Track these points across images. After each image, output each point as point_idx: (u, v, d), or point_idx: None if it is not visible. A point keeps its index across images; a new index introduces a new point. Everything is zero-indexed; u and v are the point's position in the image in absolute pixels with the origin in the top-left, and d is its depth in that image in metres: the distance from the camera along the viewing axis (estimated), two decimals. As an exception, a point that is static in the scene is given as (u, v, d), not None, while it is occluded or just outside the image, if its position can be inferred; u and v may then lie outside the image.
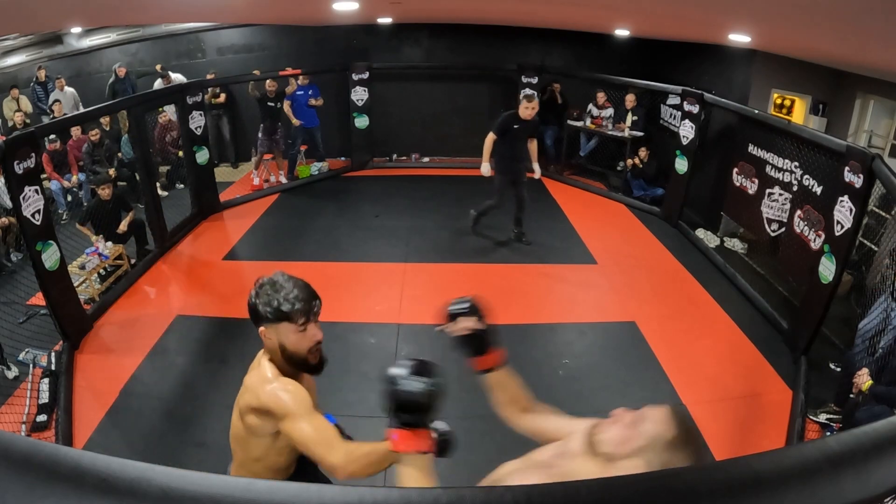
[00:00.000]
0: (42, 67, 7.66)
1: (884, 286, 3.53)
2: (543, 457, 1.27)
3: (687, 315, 4.61)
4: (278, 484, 0.59)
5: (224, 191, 7.13)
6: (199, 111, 6.15)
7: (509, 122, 5.30)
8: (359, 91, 7.82)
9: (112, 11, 5.22)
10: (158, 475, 0.59)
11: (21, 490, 0.56)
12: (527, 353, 4.15)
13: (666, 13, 4.35)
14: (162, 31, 8.29)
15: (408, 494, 0.60)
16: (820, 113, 5.97)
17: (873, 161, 3.51)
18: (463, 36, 8.21)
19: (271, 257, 5.65)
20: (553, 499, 0.60)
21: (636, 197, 7.17)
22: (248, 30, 8.45)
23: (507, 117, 5.33)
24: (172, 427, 3.39)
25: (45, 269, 3.82)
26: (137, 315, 4.61)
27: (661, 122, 7.42)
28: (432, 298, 4.74)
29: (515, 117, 5.28)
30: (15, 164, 3.57)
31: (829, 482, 0.63)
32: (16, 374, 3.77)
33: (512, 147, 5.34)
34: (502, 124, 5.31)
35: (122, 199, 5.45)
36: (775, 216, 5.12)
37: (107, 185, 5.23)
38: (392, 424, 1.22)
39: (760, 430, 3.45)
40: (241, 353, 4.06)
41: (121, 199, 5.43)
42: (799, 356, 4.03)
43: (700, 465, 1.01)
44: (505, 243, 5.95)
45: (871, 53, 3.62)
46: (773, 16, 3.27)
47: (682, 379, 3.86)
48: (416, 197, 7.27)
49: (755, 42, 5.37)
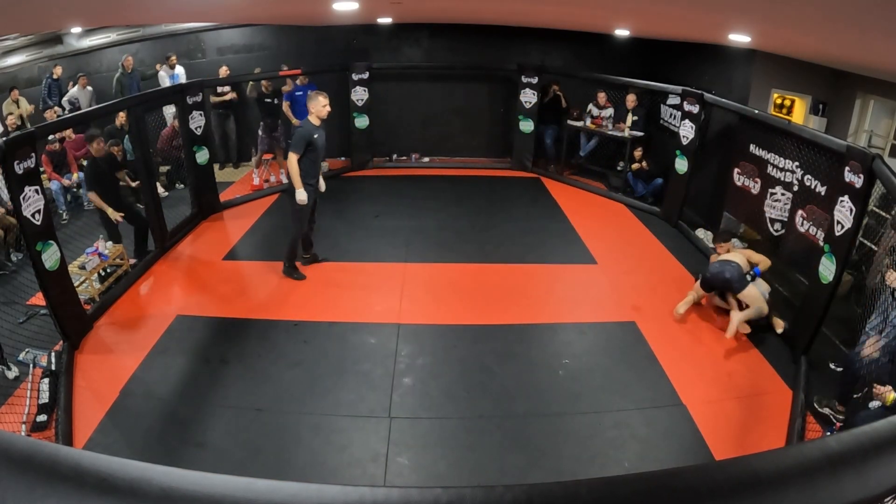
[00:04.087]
0: (59, 65, 7.71)
1: (884, 286, 3.52)
2: None
3: (687, 315, 4.61)
4: (278, 484, 0.59)
5: (224, 191, 7.13)
6: (199, 111, 6.15)
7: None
8: (359, 91, 7.82)
9: (112, 11, 5.22)
10: (158, 475, 0.59)
11: (21, 490, 0.56)
12: (527, 353, 4.16)
13: (666, 13, 4.35)
14: (162, 31, 8.28)
15: (408, 494, 0.60)
16: (820, 113, 5.97)
17: (873, 161, 3.51)
18: (463, 36, 8.22)
19: (271, 257, 5.64)
20: (553, 498, 0.60)
21: (638, 196, 7.17)
22: (248, 30, 8.45)
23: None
24: (172, 427, 3.39)
25: (45, 269, 3.82)
26: (137, 315, 4.61)
27: (661, 122, 7.42)
28: (432, 298, 4.79)
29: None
30: (15, 164, 3.57)
31: (829, 482, 0.63)
32: (16, 374, 3.77)
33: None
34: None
35: (112, 158, 5.37)
36: (778, 216, 5.12)
37: (97, 139, 5.14)
38: None
39: (760, 430, 3.45)
40: (241, 353, 4.07)
41: (111, 158, 5.35)
42: (799, 356, 4.03)
43: (700, 465, 1.01)
44: (505, 243, 5.95)
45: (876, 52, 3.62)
46: (773, 15, 3.27)
47: (682, 379, 3.86)
48: (416, 197, 7.27)
49: (755, 42, 5.37)
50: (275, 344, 4.16)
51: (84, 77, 7.57)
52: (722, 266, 4.42)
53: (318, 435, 3.33)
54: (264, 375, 3.83)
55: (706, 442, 3.32)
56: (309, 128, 4.70)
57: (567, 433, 3.41)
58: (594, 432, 3.41)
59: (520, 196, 7.46)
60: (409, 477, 3.08)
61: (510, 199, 7.32)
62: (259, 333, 4.29)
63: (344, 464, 3.14)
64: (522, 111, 8.03)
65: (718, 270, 4.41)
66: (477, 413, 3.56)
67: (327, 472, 3.07)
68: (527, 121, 8.06)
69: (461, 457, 3.23)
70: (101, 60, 8.27)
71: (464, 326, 4.41)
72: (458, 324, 4.44)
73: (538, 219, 6.71)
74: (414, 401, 3.64)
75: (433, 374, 3.87)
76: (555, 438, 3.37)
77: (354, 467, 3.11)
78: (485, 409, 3.59)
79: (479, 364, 3.99)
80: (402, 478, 3.06)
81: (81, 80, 7.53)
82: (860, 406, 3.20)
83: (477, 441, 3.33)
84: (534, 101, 7.93)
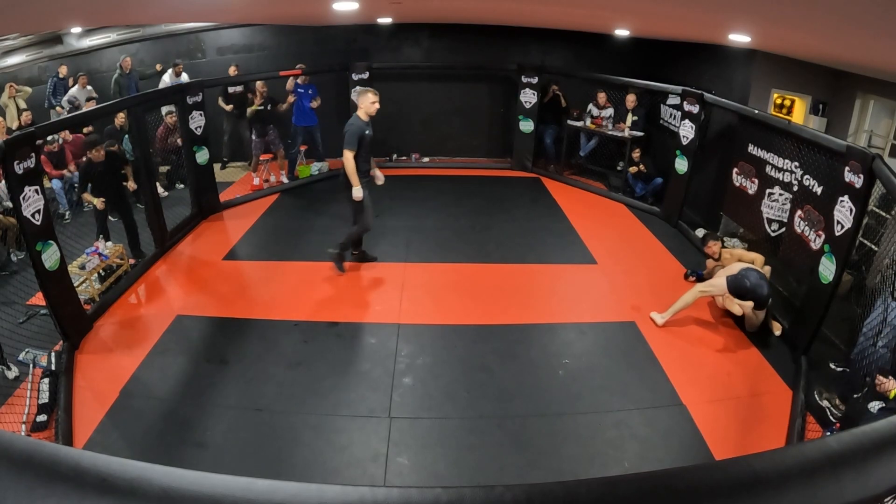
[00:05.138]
0: (64, 65, 7.74)
1: (884, 286, 3.53)
2: None
3: (687, 315, 4.61)
4: (278, 484, 0.59)
5: (224, 191, 7.13)
6: (199, 111, 6.14)
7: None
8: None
9: (112, 11, 5.21)
10: (158, 475, 0.59)
11: (21, 490, 0.56)
12: (527, 353, 4.16)
13: (666, 13, 4.35)
14: (162, 31, 8.29)
15: (408, 494, 0.60)
16: (820, 113, 5.97)
17: (873, 161, 3.51)
18: (463, 36, 8.22)
19: (271, 257, 5.65)
20: (553, 498, 0.60)
21: (638, 196, 7.17)
22: (248, 30, 8.45)
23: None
24: (172, 427, 3.38)
25: (45, 269, 3.82)
26: (137, 315, 4.61)
27: (661, 122, 7.42)
28: (432, 298, 4.79)
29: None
30: (15, 164, 3.57)
31: (829, 482, 0.63)
32: (16, 374, 3.77)
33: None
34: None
35: (114, 156, 5.33)
36: (775, 216, 5.12)
37: (98, 147, 5.13)
38: None
39: (760, 430, 3.45)
40: (241, 352, 4.07)
41: (113, 157, 5.31)
42: (799, 356, 4.03)
43: (700, 465, 1.01)
44: (505, 243, 5.95)
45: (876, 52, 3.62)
46: (773, 15, 3.27)
47: (682, 379, 3.86)
48: (416, 197, 7.27)
49: (755, 42, 5.37)
50: (275, 344, 4.16)
51: (84, 76, 7.58)
52: (760, 279, 4.26)
53: (318, 435, 3.33)
54: (264, 375, 3.83)
55: (706, 442, 3.31)
56: (360, 124, 4.74)
57: (567, 433, 3.41)
58: (594, 432, 3.41)
59: (520, 196, 7.46)
60: (409, 477, 3.08)
61: (510, 199, 7.32)
62: (259, 333, 4.29)
63: (344, 464, 3.14)
64: (522, 111, 8.03)
65: (758, 283, 4.24)
66: (477, 413, 3.56)
67: (327, 472, 3.07)
68: (527, 121, 8.06)
69: (461, 457, 3.23)
70: (101, 60, 8.27)
71: (464, 326, 4.41)
72: (458, 324, 4.44)
73: (538, 219, 6.71)
74: (414, 401, 3.64)
75: (433, 374, 3.87)
76: (555, 438, 3.37)
77: (354, 467, 3.11)
78: (485, 409, 3.59)
79: (480, 364, 3.99)
80: (402, 478, 3.06)
81: (81, 80, 7.53)
82: (861, 406, 3.20)
83: (477, 441, 3.33)
84: (534, 101, 7.93)
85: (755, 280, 4.24)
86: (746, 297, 4.29)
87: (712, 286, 4.47)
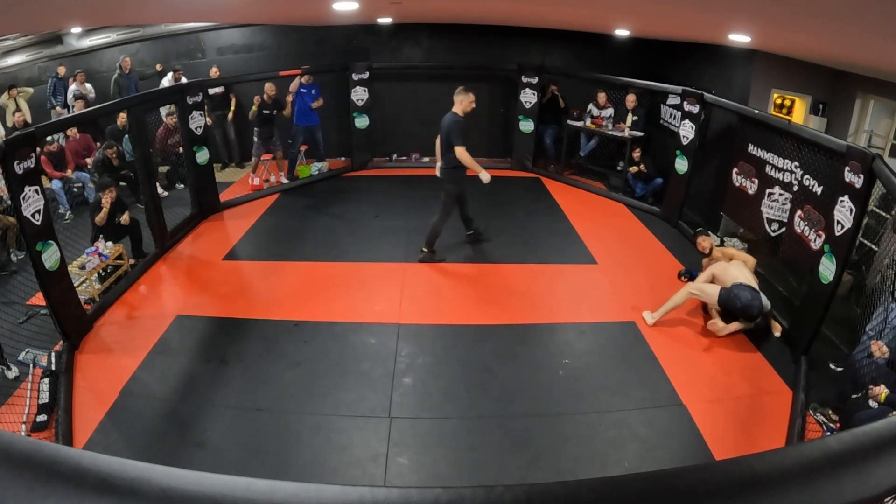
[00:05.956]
0: (63, 65, 7.74)
1: (884, 286, 3.52)
2: None
3: (687, 315, 4.61)
4: (278, 484, 0.59)
5: (224, 191, 7.13)
6: (199, 111, 6.15)
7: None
8: (359, 91, 7.82)
9: (112, 11, 5.21)
10: (158, 475, 0.59)
11: (21, 490, 0.56)
12: (527, 353, 4.16)
13: (666, 13, 4.35)
14: (162, 31, 8.28)
15: (408, 494, 0.60)
16: (820, 113, 5.96)
17: (873, 161, 3.51)
18: (463, 36, 8.22)
19: (271, 257, 5.65)
20: (553, 498, 0.60)
21: (638, 196, 7.17)
22: (248, 30, 8.45)
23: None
24: (172, 427, 3.39)
25: (45, 269, 3.82)
26: (137, 315, 4.61)
27: (661, 122, 7.42)
28: (432, 298, 4.79)
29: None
30: (15, 164, 3.57)
31: (829, 482, 0.63)
32: (16, 374, 3.77)
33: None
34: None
35: (120, 202, 5.40)
36: (775, 216, 5.12)
37: (110, 189, 5.16)
38: None
39: (760, 430, 3.45)
40: (241, 352, 4.07)
41: (119, 203, 5.38)
42: (799, 356, 4.03)
43: (700, 465, 1.01)
44: (505, 243, 5.95)
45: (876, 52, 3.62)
46: (773, 15, 3.27)
47: (682, 379, 3.86)
48: (416, 197, 7.26)
49: (755, 42, 5.37)
50: (275, 344, 4.16)
51: (81, 73, 7.57)
52: (754, 296, 4.21)
53: (318, 435, 3.33)
54: (264, 375, 3.83)
55: (706, 442, 3.32)
56: (461, 120, 5.08)
57: (567, 433, 3.41)
58: (594, 432, 3.41)
59: (520, 196, 7.45)
60: (409, 477, 3.08)
61: (510, 199, 7.31)
62: (259, 333, 4.29)
63: (344, 464, 3.14)
64: (522, 111, 8.03)
65: (748, 303, 4.18)
66: (477, 413, 3.56)
67: (327, 472, 3.07)
68: (527, 121, 8.06)
69: (461, 457, 3.23)
70: (101, 60, 8.27)
71: (464, 326, 4.41)
72: (458, 324, 4.44)
73: (538, 219, 6.71)
74: (414, 401, 3.64)
75: (433, 374, 3.87)
76: (555, 438, 3.37)
77: (354, 467, 3.11)
78: (485, 409, 3.59)
79: (480, 364, 3.99)
80: (402, 478, 3.06)
81: (79, 77, 7.53)
82: (860, 405, 3.20)
83: (477, 441, 3.33)
84: (534, 101, 7.93)
85: (746, 300, 4.19)
86: (734, 314, 4.31)
87: (703, 292, 4.42)
